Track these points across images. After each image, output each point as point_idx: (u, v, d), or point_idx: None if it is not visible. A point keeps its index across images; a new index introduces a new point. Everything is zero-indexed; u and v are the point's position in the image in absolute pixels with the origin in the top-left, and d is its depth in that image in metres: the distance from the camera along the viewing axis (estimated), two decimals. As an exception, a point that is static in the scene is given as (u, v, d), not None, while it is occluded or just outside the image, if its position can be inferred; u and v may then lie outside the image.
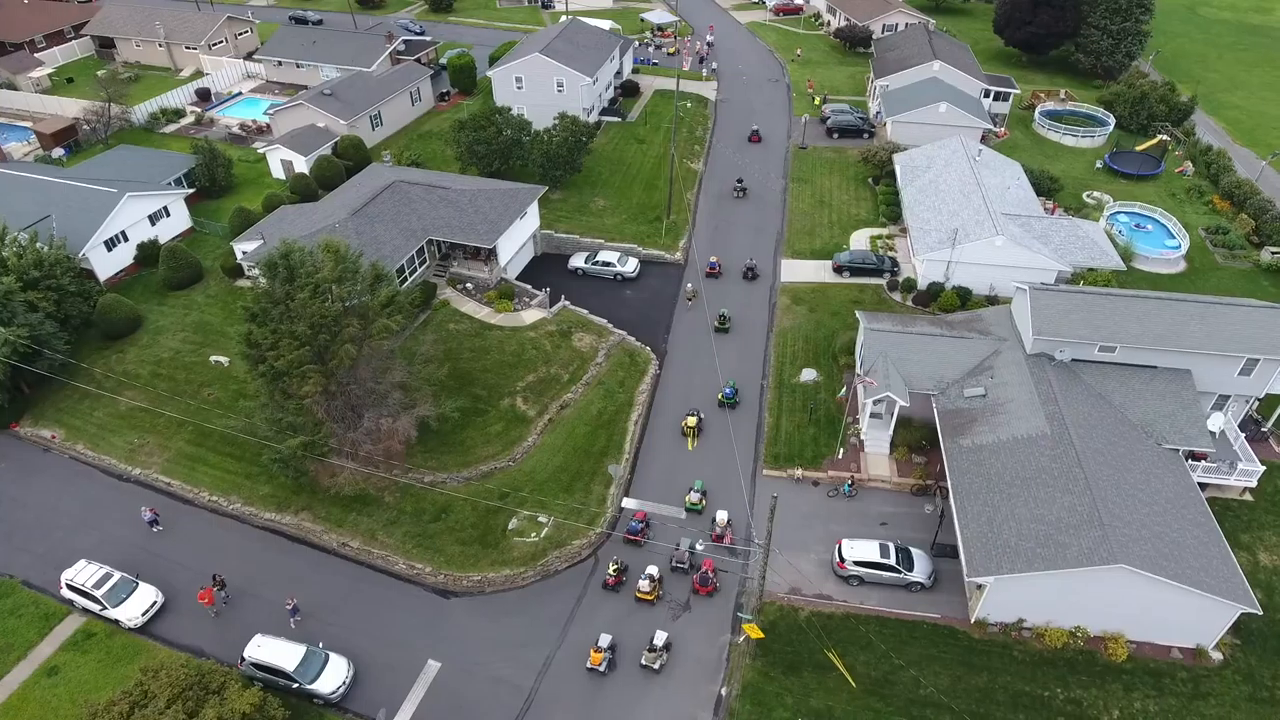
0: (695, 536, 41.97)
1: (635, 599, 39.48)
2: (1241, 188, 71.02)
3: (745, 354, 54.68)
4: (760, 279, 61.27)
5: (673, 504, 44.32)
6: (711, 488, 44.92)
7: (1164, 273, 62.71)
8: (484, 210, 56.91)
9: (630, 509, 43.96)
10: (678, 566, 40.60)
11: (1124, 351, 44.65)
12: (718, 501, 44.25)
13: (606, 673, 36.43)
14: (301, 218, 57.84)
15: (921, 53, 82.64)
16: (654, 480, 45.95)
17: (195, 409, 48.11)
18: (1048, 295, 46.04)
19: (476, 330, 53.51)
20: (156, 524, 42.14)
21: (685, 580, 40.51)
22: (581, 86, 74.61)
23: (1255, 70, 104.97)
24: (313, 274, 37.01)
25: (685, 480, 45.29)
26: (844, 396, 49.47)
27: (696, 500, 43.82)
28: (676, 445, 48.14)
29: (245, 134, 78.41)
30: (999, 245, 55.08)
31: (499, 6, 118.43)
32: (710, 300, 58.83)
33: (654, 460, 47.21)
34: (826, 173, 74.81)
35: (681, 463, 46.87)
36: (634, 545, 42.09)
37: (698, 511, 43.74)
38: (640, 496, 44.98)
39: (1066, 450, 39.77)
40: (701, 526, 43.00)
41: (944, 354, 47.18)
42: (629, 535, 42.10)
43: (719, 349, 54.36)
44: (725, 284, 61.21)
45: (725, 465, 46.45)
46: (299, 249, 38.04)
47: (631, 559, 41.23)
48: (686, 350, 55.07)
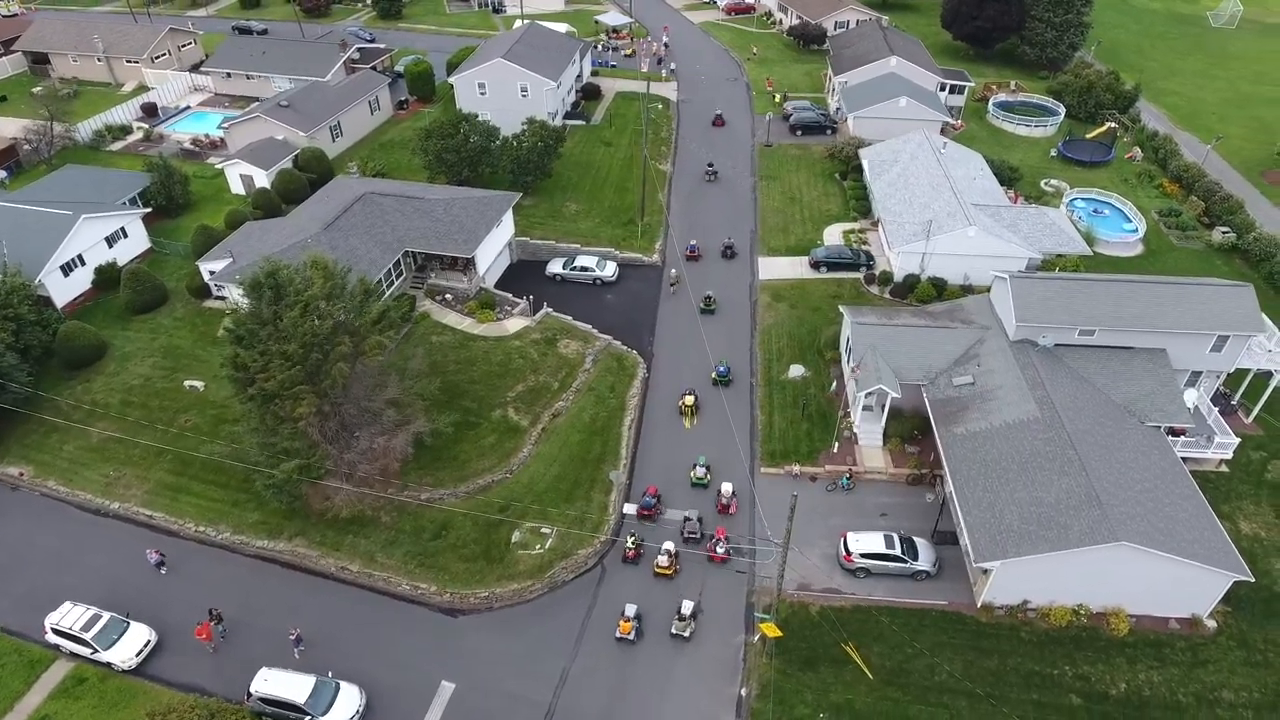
0: (698, 510, 43.38)
1: (654, 574, 40.46)
2: (1189, 171, 73.87)
3: (733, 334, 56.23)
4: (739, 257, 63.83)
5: (678, 481, 45.63)
6: (713, 466, 46.10)
7: (1123, 255, 64.82)
8: (460, 219, 56.02)
9: (629, 513, 43.73)
10: (689, 537, 42.03)
11: (1103, 334, 45.98)
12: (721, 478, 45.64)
13: (636, 641, 37.53)
14: (270, 234, 56.18)
15: (878, 49, 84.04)
16: (656, 460, 47.05)
17: (173, 437, 46.31)
18: (1028, 283, 47.16)
19: (460, 342, 52.64)
20: (163, 565, 40.17)
21: (700, 560, 41.60)
22: (546, 91, 74.02)
23: (1188, 58, 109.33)
24: (301, 292, 35.85)
25: (687, 459, 46.51)
26: (835, 391, 49.95)
27: (702, 475, 45.03)
28: (674, 426, 49.24)
29: (198, 149, 75.86)
30: (972, 235, 56.25)
31: (448, 11, 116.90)
32: (693, 281, 60.40)
33: (654, 441, 48.37)
34: (794, 169, 75.53)
35: (682, 442, 48.03)
36: (648, 521, 43.28)
37: (704, 486, 45.09)
38: (644, 490, 45.06)
39: (1058, 433, 40.76)
40: (708, 500, 44.36)
41: (930, 344, 47.96)
42: (643, 510, 43.26)
43: (707, 331, 55.63)
44: (706, 265, 63.04)
45: (725, 444, 47.58)
46: (285, 267, 36.86)
47: (644, 531, 42.52)
48: (673, 342, 55.80)
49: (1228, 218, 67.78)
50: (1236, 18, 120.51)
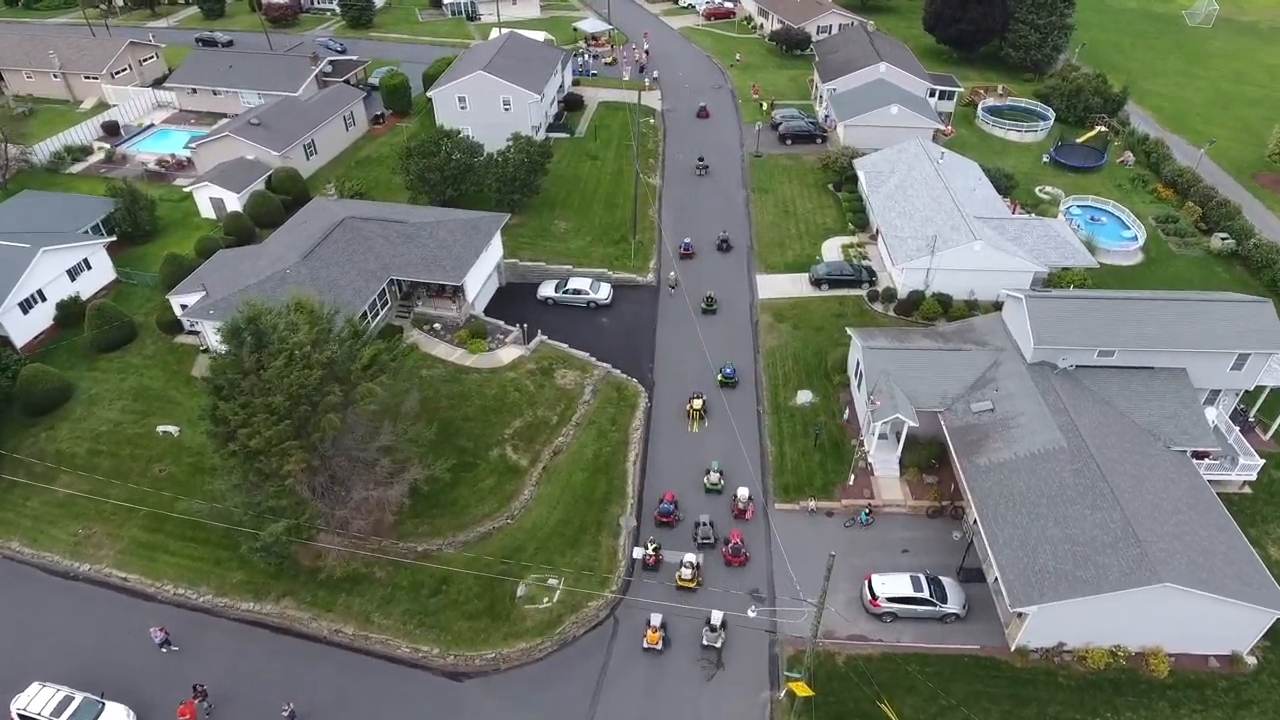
0: (711, 514, 42.78)
1: (677, 586, 39.47)
2: (1183, 175, 73.06)
3: (735, 336, 55.67)
4: (735, 250, 63.97)
5: (690, 487, 44.92)
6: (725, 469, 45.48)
7: (1123, 264, 63.68)
8: (447, 244, 53.31)
9: (643, 551, 41.43)
10: (703, 542, 41.48)
11: (1122, 354, 44.51)
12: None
13: (663, 651, 36.86)
14: (244, 263, 53.07)
15: (866, 55, 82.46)
16: (666, 467, 46.30)
17: (147, 489, 43.19)
18: (1044, 303, 45.54)
19: (451, 375, 49.95)
20: (169, 644, 36.83)
21: (718, 564, 41.04)
22: (530, 104, 71.42)
23: (1168, 58, 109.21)
24: (286, 339, 33.05)
25: (697, 463, 45.88)
26: (847, 419, 48.03)
27: (716, 481, 44.35)
28: (682, 431, 48.78)
29: (164, 170, 72.15)
30: (977, 250, 54.67)
31: (420, 20, 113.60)
32: (690, 279, 60.36)
33: (663, 447, 47.75)
34: (786, 180, 73.60)
35: (691, 446, 47.50)
36: (667, 527, 42.62)
37: (718, 491, 44.25)
38: (660, 496, 44.37)
39: (1087, 463, 39.11)
40: (722, 506, 43.62)
41: (945, 368, 46.19)
42: (661, 517, 42.77)
43: (708, 332, 55.34)
44: (701, 262, 62.80)
45: (734, 449, 46.80)
46: (267, 311, 34.03)
47: (665, 538, 41.89)
48: (675, 349, 54.48)
49: (1226, 223, 66.97)
50: (1213, 17, 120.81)
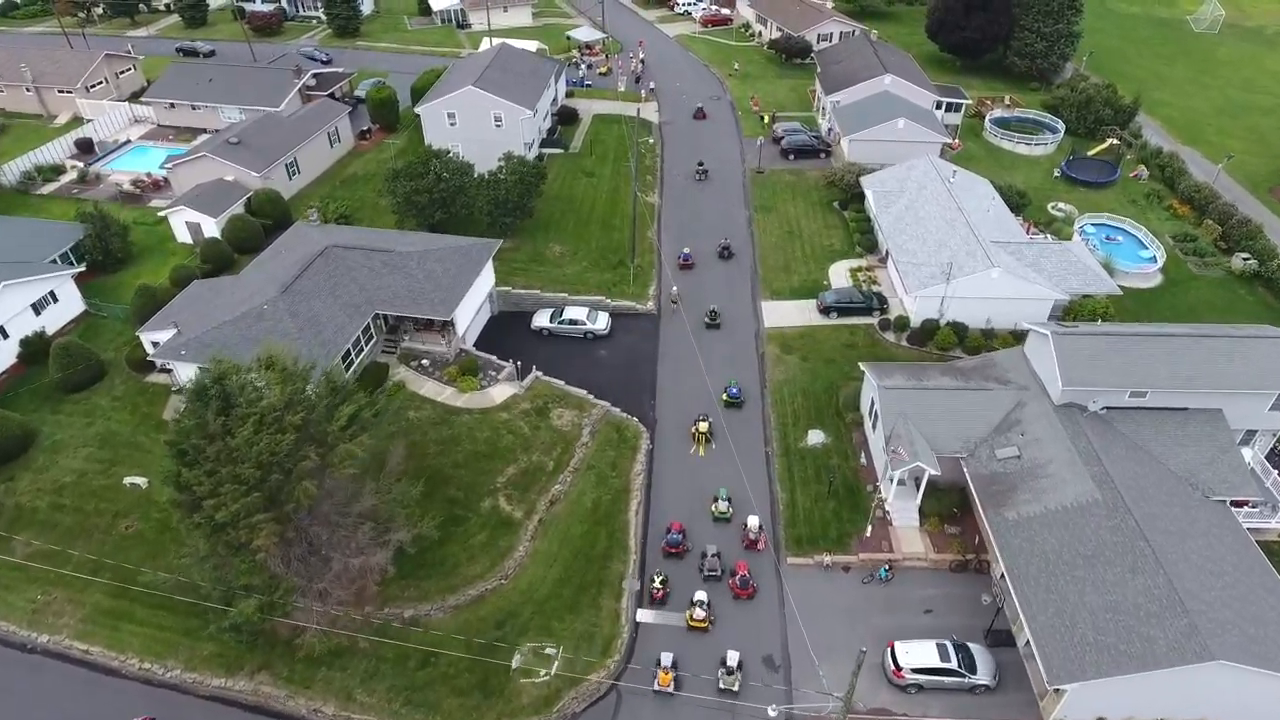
0: (720, 545, 41.27)
1: (688, 628, 37.85)
2: (1201, 192, 70.51)
3: (739, 353, 54.20)
4: (736, 257, 62.90)
5: (697, 515, 43.36)
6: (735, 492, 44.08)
7: (1142, 287, 61.09)
8: (435, 275, 50.28)
9: (649, 620, 38.59)
10: (709, 575, 39.93)
11: (1154, 394, 41.81)
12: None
13: (675, 694, 35.09)
14: (220, 296, 49.97)
15: (870, 66, 79.65)
16: (672, 494, 44.72)
17: (113, 548, 40.11)
18: (1071, 340, 42.77)
19: (441, 417, 46.95)
20: None
21: (725, 596, 39.45)
22: (522, 120, 68.39)
23: (1175, 65, 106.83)
24: (255, 401, 30.06)
25: (704, 491, 44.35)
26: (864, 464, 45.21)
27: (725, 509, 42.86)
28: (686, 455, 47.21)
29: (139, 191, 68.91)
30: (995, 278, 51.94)
31: (410, 28, 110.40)
32: (691, 291, 59.30)
33: (667, 471, 46.24)
34: (789, 198, 70.79)
35: (697, 471, 45.90)
36: (675, 558, 40.98)
37: (726, 520, 42.82)
38: (667, 512, 43.48)
39: (1124, 519, 36.36)
40: (731, 536, 42.04)
41: (966, 410, 43.40)
42: (669, 548, 41.18)
43: (711, 349, 54.12)
44: (701, 272, 61.64)
45: (744, 472, 45.06)
46: (235, 369, 31.01)
47: (672, 571, 40.32)
48: (677, 371, 52.63)
49: (1247, 243, 64.45)
50: (1218, 22, 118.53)
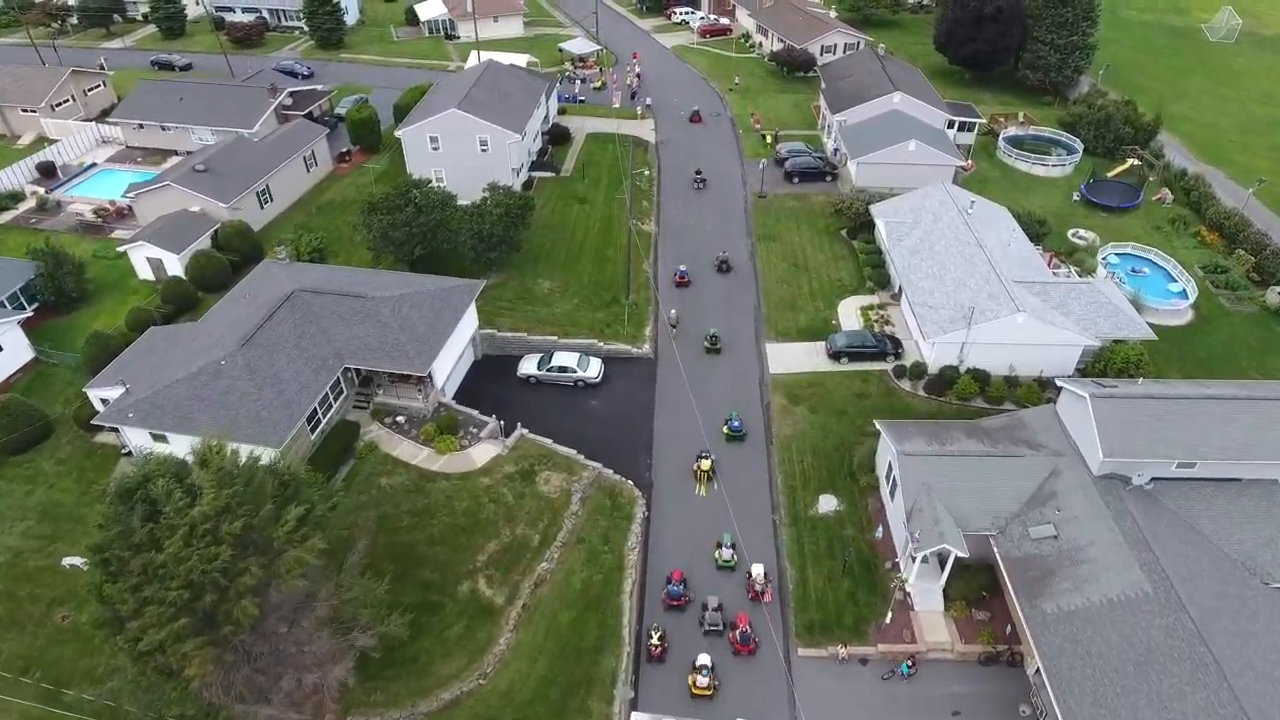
0: (719, 594, 38.68)
1: (691, 694, 34.85)
2: (1231, 218, 66.42)
3: (741, 381, 51.72)
4: (735, 270, 61.06)
5: (698, 561, 40.64)
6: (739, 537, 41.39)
7: (1171, 325, 56.94)
8: (411, 323, 46.09)
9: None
10: (712, 630, 37.27)
11: (1204, 464, 37.76)
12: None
13: None
14: (176, 347, 45.76)
15: (878, 82, 75.54)
16: (673, 538, 42.02)
17: (45, 641, 35.91)
18: (1111, 405, 38.63)
19: (416, 484, 42.76)
20: None
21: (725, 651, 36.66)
22: (510, 144, 64.14)
23: (1192, 77, 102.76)
24: (185, 510, 25.86)
25: (706, 535, 41.74)
26: (880, 537, 41.09)
27: (729, 557, 40.27)
28: (687, 494, 44.56)
29: (102, 221, 64.62)
30: (1020, 323, 47.87)
31: (396, 39, 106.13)
32: (688, 306, 57.36)
33: (667, 509, 43.73)
34: (794, 226, 66.65)
35: (699, 514, 43.16)
36: (677, 611, 38.35)
37: (730, 569, 40.21)
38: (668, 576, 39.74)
39: (1179, 618, 32.29)
40: (735, 583, 39.47)
41: (995, 479, 39.28)
42: (671, 600, 38.46)
43: (712, 375, 52.01)
44: (699, 289, 59.53)
45: (747, 513, 42.94)
46: (165, 470, 26.78)
47: (674, 625, 37.66)
48: (678, 411, 49.20)
49: (1284, 275, 60.45)
50: (1235, 31, 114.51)
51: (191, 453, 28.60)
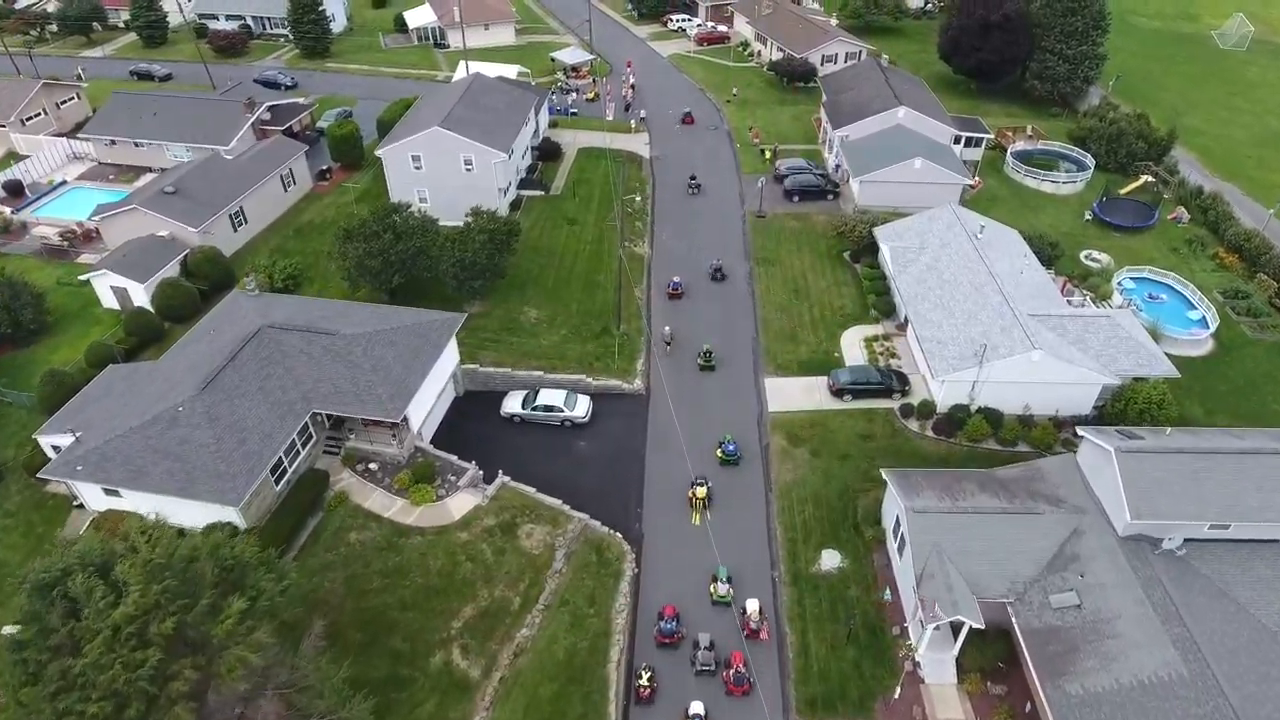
0: (712, 631, 36.72)
1: None
2: (1251, 240, 63.43)
3: (736, 400, 49.92)
4: (730, 279, 60.01)
5: (693, 596, 38.56)
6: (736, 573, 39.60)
7: (1191, 355, 53.96)
8: (385, 364, 43.09)
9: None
10: (704, 670, 35.28)
11: (1240, 525, 34.82)
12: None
13: None
14: (134, 389, 42.78)
15: (882, 96, 72.54)
16: (665, 570, 40.08)
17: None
18: (1139, 461, 35.62)
19: (388, 540, 39.75)
20: None
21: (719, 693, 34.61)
22: (495, 164, 61.12)
23: (1205, 87, 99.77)
24: (107, 611, 22.87)
25: (701, 566, 39.59)
26: (888, 600, 38.10)
27: (725, 592, 38.24)
28: (683, 523, 42.55)
29: (68, 244, 61.58)
30: (1036, 360, 44.91)
31: (385, 48, 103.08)
32: (682, 320, 55.81)
33: (660, 543, 41.67)
34: (794, 248, 63.67)
35: (692, 543, 41.00)
36: (669, 649, 36.48)
37: (726, 604, 38.11)
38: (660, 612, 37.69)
39: (1220, 706, 29.32)
40: (731, 620, 37.32)
41: (1011, 540, 36.31)
42: (662, 638, 36.57)
43: (705, 391, 50.41)
44: (693, 300, 58.27)
45: (745, 546, 41.13)
46: (87, 562, 23.77)
47: (664, 664, 35.59)
48: (672, 424, 46.99)
49: (1309, 302, 57.54)
50: (1246, 39, 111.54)
51: (123, 540, 25.56)
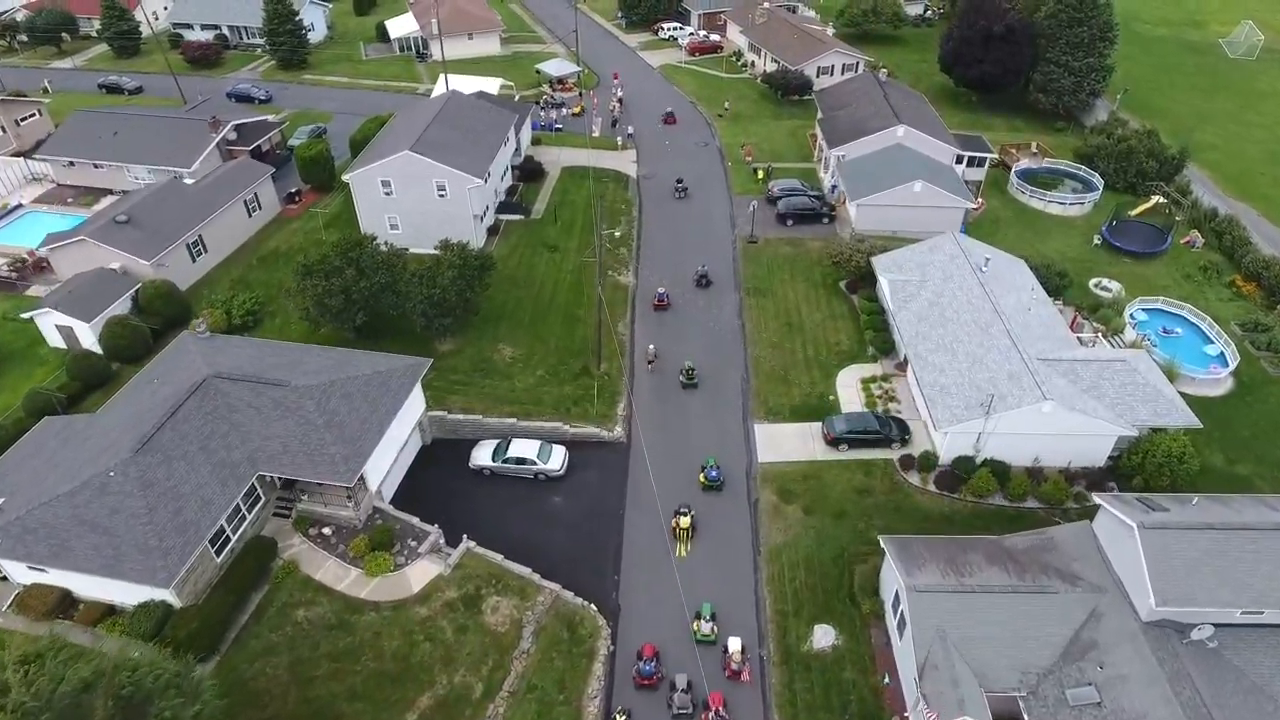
0: (691, 671, 34.73)
1: None
2: (1270, 268, 59.98)
3: (719, 422, 47.93)
4: (716, 285, 59.09)
5: (678, 637, 36.48)
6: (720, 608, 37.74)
7: (1209, 395, 50.57)
8: (340, 419, 39.55)
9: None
10: (680, 714, 33.67)
11: (1276, 611, 31.42)
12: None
13: None
14: (66, 448, 39.26)
15: (880, 114, 69.11)
16: (646, 606, 38.21)
17: None
18: (1163, 539, 32.17)
19: (339, 618, 36.25)
20: None
21: None
22: (470, 190, 57.60)
23: (1215, 98, 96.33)
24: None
25: (684, 602, 37.20)
26: (887, 684, 34.67)
27: (708, 631, 36.57)
28: (664, 557, 40.26)
29: (15, 276, 58.03)
30: (1047, 412, 41.49)
31: (365, 58, 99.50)
32: (666, 334, 54.54)
33: (639, 577, 39.67)
34: (787, 277, 60.18)
35: (676, 578, 38.42)
36: (648, 690, 34.68)
37: (710, 643, 36.40)
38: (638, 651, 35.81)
39: (1261, 833, 25.96)
40: (715, 660, 35.59)
41: (1022, 623, 32.87)
42: (641, 679, 34.79)
43: (689, 411, 48.61)
44: (679, 311, 56.78)
45: (729, 580, 39.37)
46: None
47: (642, 706, 34.13)
48: (656, 444, 43.21)
49: (1332, 336, 54.08)
50: (1256, 48, 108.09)
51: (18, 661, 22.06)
